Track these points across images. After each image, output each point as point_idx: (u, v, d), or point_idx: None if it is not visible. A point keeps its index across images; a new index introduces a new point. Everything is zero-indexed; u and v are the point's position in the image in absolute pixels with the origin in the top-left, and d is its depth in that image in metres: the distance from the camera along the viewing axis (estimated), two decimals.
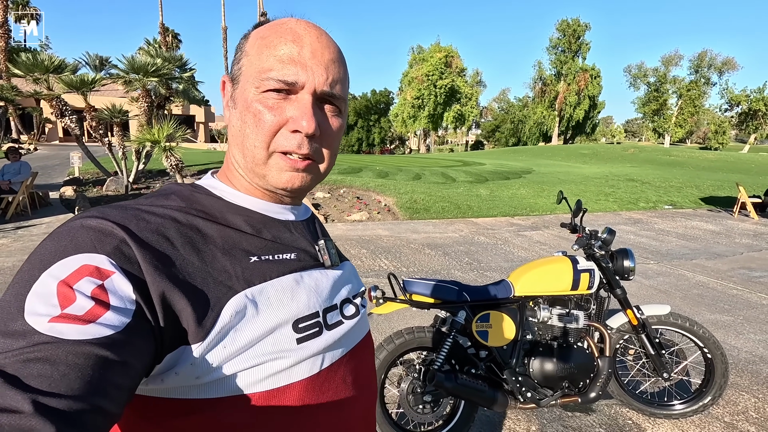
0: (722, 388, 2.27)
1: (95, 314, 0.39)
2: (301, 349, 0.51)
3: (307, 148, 0.53)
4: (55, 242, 0.43)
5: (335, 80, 0.54)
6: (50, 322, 0.37)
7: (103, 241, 0.43)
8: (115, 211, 0.47)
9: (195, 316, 0.45)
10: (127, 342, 0.40)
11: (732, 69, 49.05)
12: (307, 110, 0.51)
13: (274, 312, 0.50)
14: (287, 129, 0.52)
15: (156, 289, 0.43)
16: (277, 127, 0.52)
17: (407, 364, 2.10)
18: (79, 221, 0.45)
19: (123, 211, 0.47)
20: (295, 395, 0.51)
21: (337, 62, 0.54)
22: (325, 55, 0.53)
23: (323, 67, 0.52)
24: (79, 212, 2.99)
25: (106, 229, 0.44)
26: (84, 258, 0.41)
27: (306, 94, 0.52)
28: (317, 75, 0.52)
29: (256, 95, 0.52)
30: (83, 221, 0.45)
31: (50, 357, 0.36)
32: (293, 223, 0.60)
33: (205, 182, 0.59)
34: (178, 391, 0.46)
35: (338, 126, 0.56)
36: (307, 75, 0.51)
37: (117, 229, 0.44)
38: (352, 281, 0.66)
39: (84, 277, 0.40)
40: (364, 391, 0.62)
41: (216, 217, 0.53)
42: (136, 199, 0.54)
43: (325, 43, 0.54)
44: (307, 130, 0.51)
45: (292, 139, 0.52)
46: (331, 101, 0.55)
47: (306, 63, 0.51)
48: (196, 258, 0.48)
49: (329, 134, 0.55)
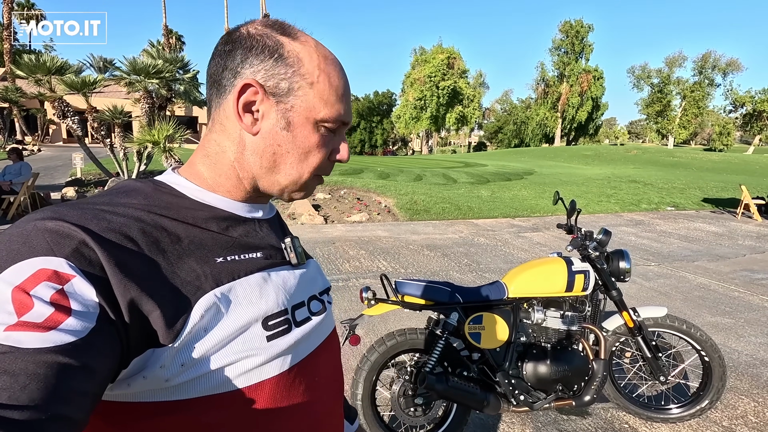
0: (720, 391, 2.24)
1: (56, 320, 0.37)
2: (271, 346, 0.51)
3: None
4: (6, 246, 0.40)
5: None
6: (6, 330, 0.36)
7: (60, 243, 0.40)
8: (73, 210, 0.45)
9: (164, 317, 0.43)
10: (92, 348, 0.38)
11: (736, 70, 48.86)
12: (346, 143, 0.60)
13: (243, 310, 0.49)
14: (330, 158, 0.59)
15: (121, 291, 0.41)
16: (327, 155, 0.58)
17: (399, 366, 2.08)
18: (32, 223, 0.42)
19: (81, 211, 0.45)
20: (266, 393, 0.51)
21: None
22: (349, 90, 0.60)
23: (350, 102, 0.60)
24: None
25: (63, 231, 0.41)
26: (40, 261, 0.39)
27: (345, 128, 0.60)
28: (350, 111, 0.60)
29: (316, 124, 0.56)
30: (37, 223, 0.42)
31: (8, 368, 0.34)
32: (259, 221, 0.60)
33: (168, 178, 0.56)
34: (146, 394, 0.45)
35: None
36: (349, 114, 0.59)
37: (76, 230, 0.42)
38: (318, 278, 0.67)
39: (41, 282, 0.38)
40: (332, 385, 0.63)
41: (181, 215, 0.51)
42: (92, 196, 0.52)
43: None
44: (346, 160, 0.61)
45: (330, 167, 0.60)
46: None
47: (349, 102, 0.59)
48: (162, 258, 0.46)
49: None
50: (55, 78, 9.12)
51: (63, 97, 9.21)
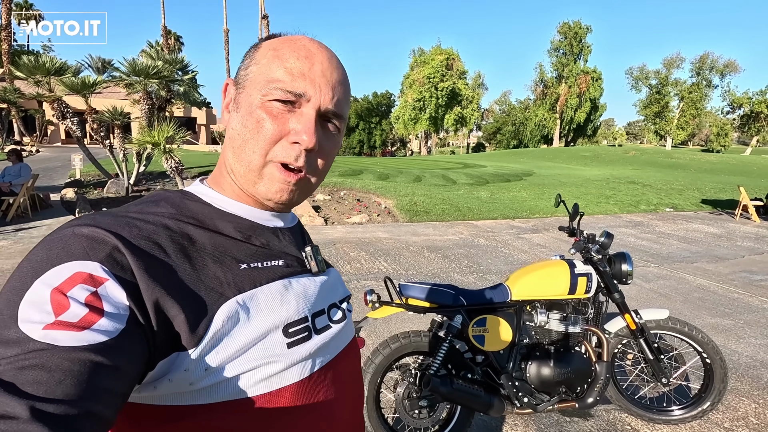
0: (721, 393, 2.25)
1: (89, 321, 0.39)
2: (291, 353, 0.52)
3: (303, 161, 0.54)
4: (46, 250, 0.43)
5: (339, 100, 0.56)
6: (44, 329, 0.38)
7: (95, 248, 0.43)
8: (107, 218, 0.47)
9: (188, 322, 0.45)
10: (121, 348, 0.40)
11: (734, 71, 48.96)
12: (311, 125, 0.52)
13: (264, 317, 0.50)
14: (287, 140, 0.53)
15: (149, 295, 0.43)
16: (278, 136, 0.53)
17: (403, 369, 2.09)
18: (70, 229, 0.45)
19: (114, 219, 0.48)
20: (286, 399, 0.52)
21: (343, 84, 0.57)
22: (333, 75, 0.55)
23: (330, 86, 0.54)
24: (77, 215, 3.02)
25: (98, 237, 0.44)
26: (77, 265, 0.41)
27: (311, 109, 0.53)
28: (324, 93, 0.54)
29: (262, 102, 0.53)
30: (75, 229, 0.45)
31: (45, 364, 0.36)
32: (281, 230, 0.61)
33: (195, 189, 0.59)
34: (171, 397, 0.47)
35: (335, 144, 0.58)
36: (314, 91, 0.53)
37: (109, 236, 0.44)
38: (338, 287, 0.67)
39: (77, 284, 0.40)
40: (352, 393, 0.63)
41: (206, 223, 0.54)
42: (125, 205, 0.54)
43: (335, 65, 0.56)
44: (307, 144, 0.52)
45: (290, 150, 0.53)
46: (332, 120, 0.56)
47: (315, 80, 0.53)
48: (188, 265, 0.48)
49: (326, 151, 0.57)
50: (54, 79, 9.11)
51: (62, 98, 9.21)
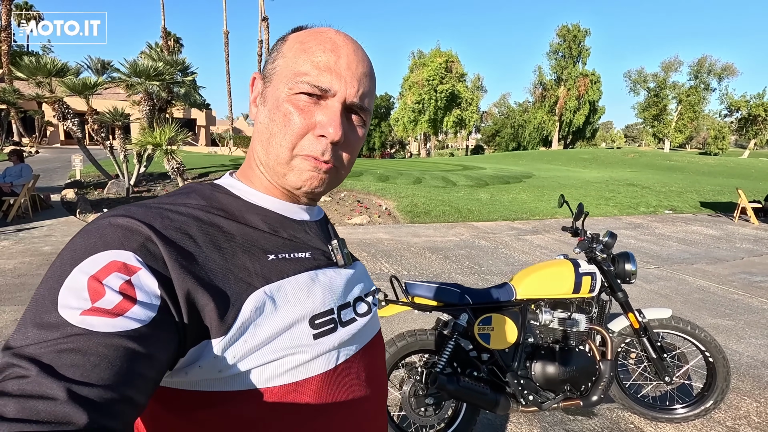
0: (724, 392, 2.27)
1: (123, 308, 0.41)
2: (317, 344, 0.53)
3: (330, 154, 0.54)
4: (85, 239, 0.45)
5: (365, 93, 0.56)
6: (81, 315, 0.39)
7: (129, 238, 0.45)
8: (141, 209, 0.49)
9: (217, 311, 0.46)
10: (153, 335, 0.41)
11: (731, 75, 49.19)
12: (336, 118, 0.53)
13: (291, 308, 0.51)
14: (314, 134, 0.54)
15: (180, 284, 0.45)
16: (305, 129, 0.53)
17: (409, 367, 2.10)
18: (107, 219, 0.47)
19: (147, 210, 0.49)
20: (312, 389, 0.53)
21: (369, 76, 0.57)
22: (359, 68, 0.55)
23: (356, 79, 0.54)
24: (78, 216, 3.00)
25: (132, 227, 0.46)
26: (112, 254, 0.43)
27: (337, 102, 0.53)
28: (350, 86, 0.54)
29: (288, 95, 0.54)
30: (111, 219, 0.46)
31: (82, 348, 0.38)
32: (308, 223, 0.62)
33: (225, 181, 0.60)
34: (202, 383, 0.48)
35: (361, 136, 0.58)
36: (340, 84, 0.53)
37: (143, 227, 0.46)
38: (364, 280, 0.68)
39: (112, 273, 0.42)
40: (376, 387, 0.64)
41: (235, 215, 0.55)
42: (157, 197, 0.56)
43: (361, 57, 0.56)
44: (333, 137, 0.53)
45: (317, 144, 0.54)
46: (358, 112, 0.56)
47: (341, 73, 0.53)
48: (217, 255, 0.49)
49: (351, 143, 0.57)
50: (55, 80, 9.12)
51: (63, 99, 9.21)
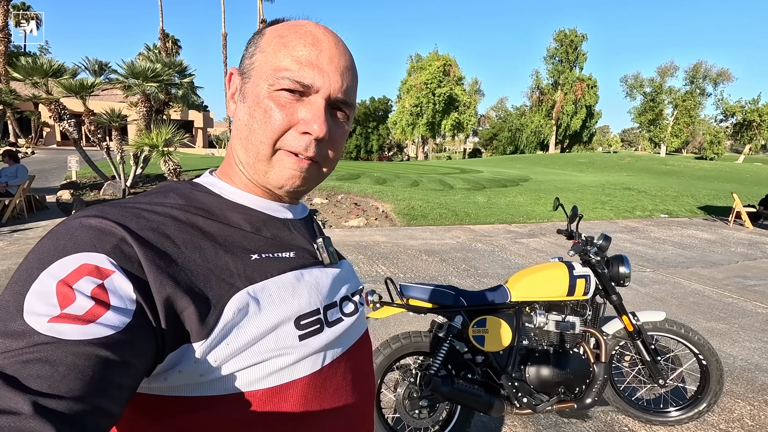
0: (717, 395, 2.28)
1: (95, 314, 0.38)
2: (303, 345, 0.51)
3: (313, 150, 0.53)
4: (53, 241, 0.42)
5: (349, 87, 0.54)
6: (50, 322, 0.37)
7: (102, 239, 0.42)
8: (114, 209, 0.47)
9: (198, 314, 0.44)
10: (128, 342, 0.39)
11: (727, 80, 49.66)
12: (320, 114, 0.52)
13: (276, 309, 0.50)
14: (297, 130, 0.52)
15: (158, 287, 0.42)
16: (287, 126, 0.52)
17: (404, 369, 2.10)
18: (77, 220, 0.44)
19: (122, 210, 0.47)
20: (297, 392, 0.51)
21: (351, 70, 0.55)
22: (341, 61, 0.53)
23: (339, 73, 0.53)
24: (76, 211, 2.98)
25: (105, 228, 0.43)
26: (83, 257, 0.40)
27: (320, 98, 0.52)
28: (333, 81, 0.52)
29: (269, 92, 0.52)
30: (82, 220, 0.44)
31: (50, 358, 0.35)
32: (292, 222, 0.60)
33: (204, 180, 0.59)
34: (182, 389, 0.46)
35: (345, 132, 0.57)
36: (323, 80, 0.52)
37: (117, 227, 0.44)
38: (351, 279, 0.66)
39: (83, 277, 0.39)
40: (363, 388, 0.62)
41: (216, 215, 0.53)
42: (134, 197, 0.54)
43: (342, 50, 0.54)
44: (318, 134, 0.51)
45: (300, 140, 0.52)
46: (341, 108, 0.55)
47: (323, 68, 0.52)
48: (197, 256, 0.47)
49: (336, 139, 0.56)
50: (52, 81, 9.09)
51: (60, 100, 9.18)
